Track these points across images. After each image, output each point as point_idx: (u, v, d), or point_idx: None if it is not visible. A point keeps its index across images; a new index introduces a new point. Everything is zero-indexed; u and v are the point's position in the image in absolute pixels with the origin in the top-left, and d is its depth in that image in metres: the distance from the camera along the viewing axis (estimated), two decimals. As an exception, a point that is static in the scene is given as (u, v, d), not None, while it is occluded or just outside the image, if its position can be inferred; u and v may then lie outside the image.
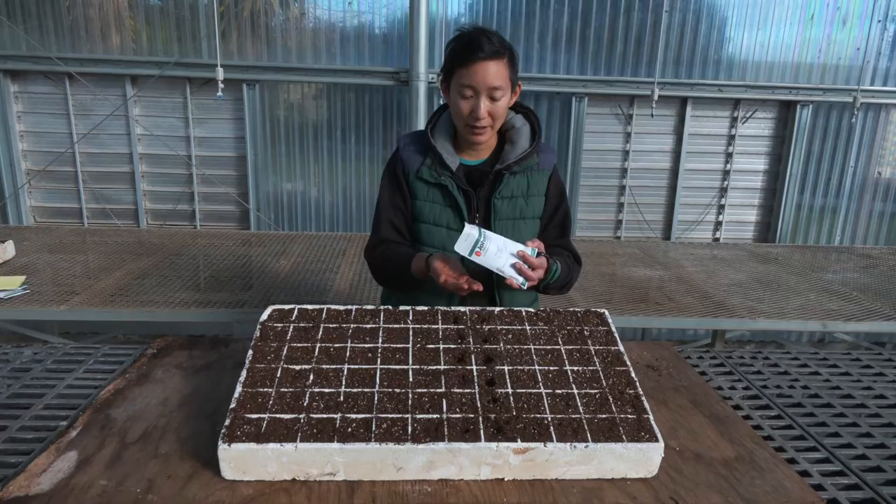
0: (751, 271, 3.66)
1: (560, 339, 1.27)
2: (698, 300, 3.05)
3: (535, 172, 1.58)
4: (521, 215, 1.57)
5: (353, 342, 1.20)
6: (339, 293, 3.01)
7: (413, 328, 1.27)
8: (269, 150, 4.85)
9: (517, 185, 1.56)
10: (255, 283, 3.06)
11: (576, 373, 1.17)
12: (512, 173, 1.55)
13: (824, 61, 4.96)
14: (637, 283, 3.42)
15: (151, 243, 3.71)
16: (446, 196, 1.54)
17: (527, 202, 1.58)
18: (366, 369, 1.13)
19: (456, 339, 1.24)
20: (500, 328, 1.29)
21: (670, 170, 5.24)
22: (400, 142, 1.62)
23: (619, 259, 3.93)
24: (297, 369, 1.12)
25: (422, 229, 1.58)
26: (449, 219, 1.56)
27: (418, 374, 1.13)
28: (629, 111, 5.07)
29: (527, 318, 1.34)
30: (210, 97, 4.69)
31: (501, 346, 1.22)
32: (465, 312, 1.33)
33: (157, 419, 1.15)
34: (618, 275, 3.56)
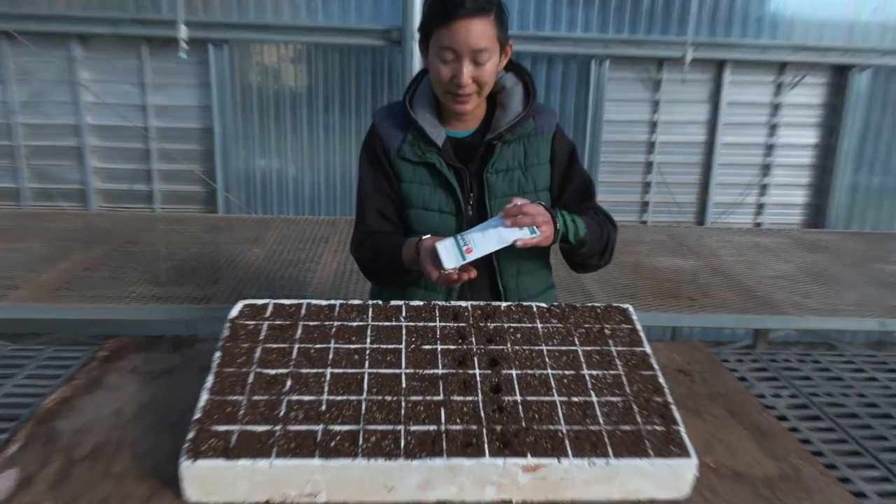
0: (798, 261, 3.64)
1: (577, 339, 1.27)
2: (737, 295, 3.04)
3: (532, 139, 1.56)
4: (520, 190, 1.56)
5: (337, 342, 1.20)
6: (321, 286, 2.97)
7: (406, 326, 1.27)
8: (239, 122, 4.78)
9: (512, 155, 1.55)
10: (223, 274, 3.04)
11: (595, 378, 1.17)
12: (505, 142, 1.54)
13: (883, 20, 4.89)
14: (666, 274, 3.38)
15: (102, 229, 3.66)
16: (435, 175, 1.53)
17: (525, 174, 1.56)
18: (352, 374, 1.13)
19: (456, 339, 1.24)
20: (507, 326, 1.29)
21: (705, 144, 5.18)
22: (375, 116, 1.61)
23: (646, 247, 3.89)
24: (273, 374, 1.12)
25: (411, 216, 1.58)
26: (441, 201, 1.54)
27: (412, 379, 1.13)
28: (657, 76, 5.00)
29: (538, 314, 1.34)
30: (171, 59, 4.60)
31: (508, 347, 1.23)
32: (467, 308, 1.34)
33: (109, 432, 1.14)
34: (644, 265, 3.52)
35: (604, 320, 1.34)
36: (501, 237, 1.36)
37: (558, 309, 1.38)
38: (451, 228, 1.56)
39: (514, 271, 1.61)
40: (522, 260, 1.62)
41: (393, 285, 1.64)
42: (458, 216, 1.56)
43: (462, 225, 1.56)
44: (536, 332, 1.28)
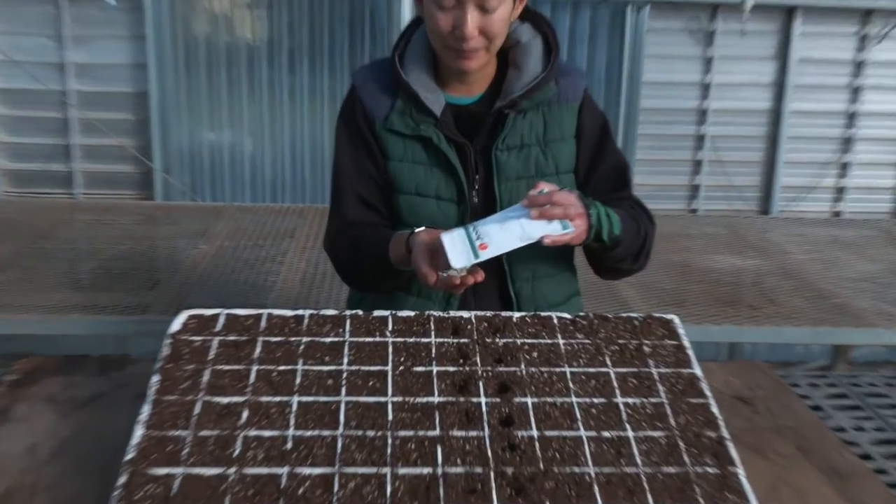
0: (888, 260, 3.67)
1: (608, 359, 1.28)
2: (811, 302, 3.04)
3: (554, 107, 1.57)
4: (538, 171, 1.57)
5: (306, 363, 1.22)
6: (286, 292, 2.99)
7: (394, 342, 1.28)
8: (182, 84, 4.78)
9: (528, 128, 1.56)
10: (162, 278, 3.04)
11: (631, 407, 1.18)
12: (520, 112, 1.55)
13: None
14: (722, 276, 3.39)
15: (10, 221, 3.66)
16: (431, 152, 1.54)
17: (545, 152, 1.57)
18: (324, 403, 1.14)
19: (456, 359, 1.25)
20: (521, 342, 1.30)
21: (770, 112, 5.18)
22: (355, 77, 1.63)
23: (696, 242, 3.92)
24: (225, 403, 1.13)
25: (401, 203, 1.58)
26: (439, 185, 1.55)
27: (401, 409, 1.15)
28: (710, 26, 4.99)
29: (560, 327, 1.35)
30: (96, 6, 4.58)
31: (522, 369, 1.24)
32: (470, 320, 1.35)
33: (21, 475, 1.14)
34: (694, 265, 3.55)
35: (642, 335, 1.35)
36: (525, 232, 1.36)
37: (585, 321, 1.38)
38: (452, 220, 1.55)
39: (530, 275, 1.61)
40: (540, 261, 1.62)
41: (377, 290, 1.63)
42: (461, 204, 1.56)
43: (465, 216, 1.56)
44: (557, 350, 1.29)
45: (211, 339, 1.27)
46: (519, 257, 1.59)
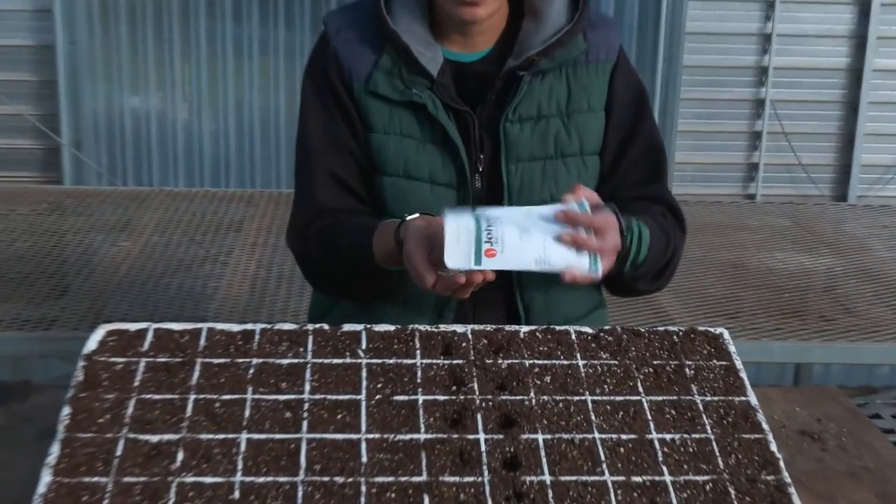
0: None
1: (640, 384, 1.30)
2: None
3: (581, 70, 1.60)
4: (559, 152, 1.60)
5: (258, 391, 1.23)
6: (231, 301, 3.03)
7: (369, 365, 1.29)
8: (98, 36, 4.82)
9: (548, 94, 1.59)
10: (72, 283, 3.07)
11: (669, 445, 1.20)
12: (537, 73, 1.58)
13: None
14: (785, 279, 3.44)
15: None
16: (424, 123, 1.57)
17: (567, 126, 1.60)
18: (281, 441, 1.15)
19: (448, 385, 1.27)
20: (530, 364, 1.32)
21: (848, 72, 5.27)
22: (328, 24, 1.65)
23: (753, 236, 3.96)
24: (155, 442, 1.14)
25: (385, 187, 1.61)
26: (433, 164, 1.58)
27: (378, 448, 1.15)
28: (772, -40, 5.68)
29: (579, 344, 1.37)
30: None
31: (531, 398, 1.26)
32: (466, 336, 1.36)
33: None
34: (750, 265, 3.59)
35: (684, 353, 1.37)
36: (546, 255, 1.39)
37: (611, 336, 1.39)
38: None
39: (543, 282, 1.63)
40: None
41: (357, 298, 1.66)
42: (460, 189, 1.59)
43: (463, 205, 1.54)
44: (576, 374, 1.31)
45: (136, 360, 1.27)
46: None
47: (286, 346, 1.32)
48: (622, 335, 1.40)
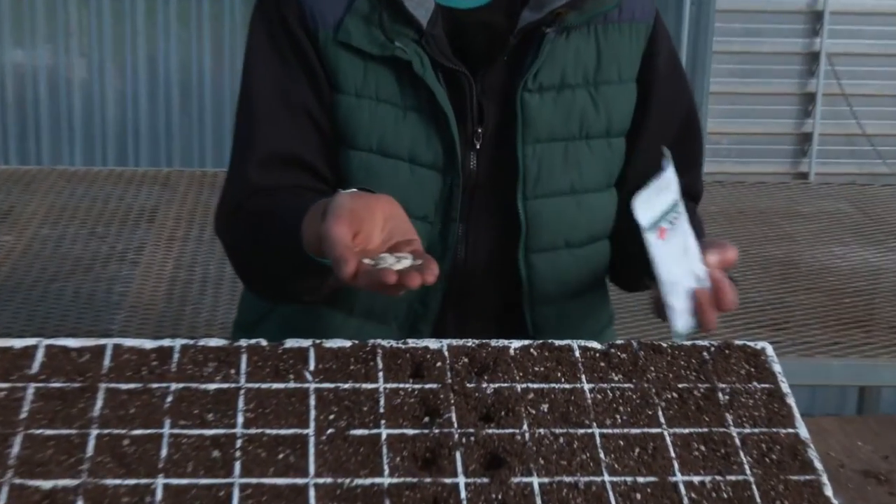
0: None
1: (662, 413, 1.31)
2: None
3: (612, 29, 1.66)
4: (583, 131, 1.66)
5: (177, 424, 1.22)
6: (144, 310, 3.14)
7: (318, 391, 1.29)
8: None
9: (573, 57, 1.64)
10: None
11: (698, 490, 1.20)
12: (561, 31, 1.62)
13: None
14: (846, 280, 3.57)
15: None
16: (407, 85, 1.61)
17: (595, 99, 1.66)
18: (207, 488, 1.14)
19: (418, 416, 1.28)
20: (522, 388, 1.33)
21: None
22: None
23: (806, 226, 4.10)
24: (48, 489, 1.13)
25: (353, 164, 1.64)
26: (415, 138, 1.62)
27: (331, 496, 1.15)
28: None
29: (585, 363, 1.38)
30: None
31: (524, 431, 1.26)
32: (441, 353, 1.37)
33: None
34: (801, 261, 3.74)
35: (717, 374, 1.38)
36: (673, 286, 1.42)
37: (624, 353, 1.40)
38: (431, 197, 1.63)
39: (559, 291, 1.72)
40: (582, 264, 1.74)
41: (291, 299, 1.67)
42: (448, 173, 1.63)
43: (454, 193, 1.65)
44: (581, 400, 1.31)
45: (23, 386, 1.26)
46: (547, 255, 1.70)
47: (213, 368, 1.32)
48: (639, 351, 1.41)
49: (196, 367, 1.32)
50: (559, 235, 1.71)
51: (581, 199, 1.71)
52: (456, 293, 1.71)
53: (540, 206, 1.68)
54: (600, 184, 1.74)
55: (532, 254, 1.70)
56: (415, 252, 1.36)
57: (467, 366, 1.37)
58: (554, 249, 1.70)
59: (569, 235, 1.71)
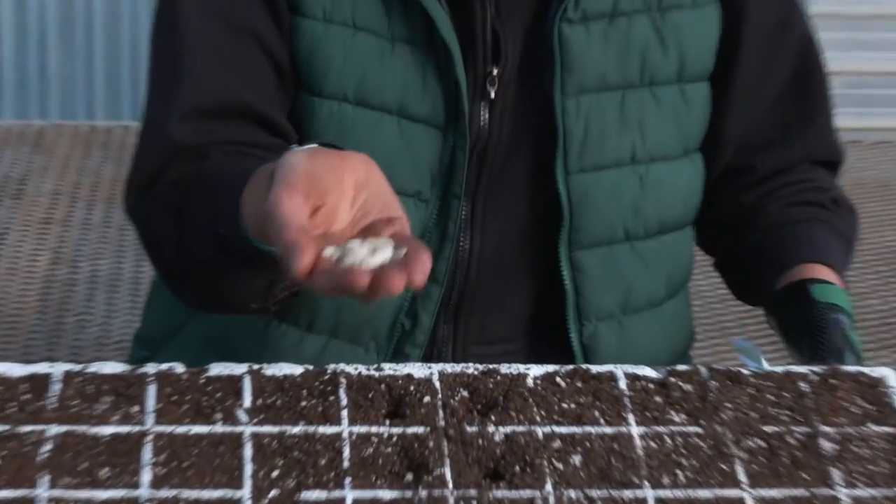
0: None
1: (741, 468, 1.25)
2: None
3: None
4: (646, 76, 1.65)
5: (59, 483, 1.19)
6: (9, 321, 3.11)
7: (255, 436, 1.23)
8: None
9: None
10: None
11: None
12: None
13: None
14: None
15: None
16: (396, 9, 1.60)
17: (662, 32, 1.65)
18: None
19: (398, 471, 1.24)
20: (545, 432, 1.27)
21: None
22: None
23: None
24: None
25: (319, 115, 1.61)
26: (406, 81, 1.60)
27: None
28: None
29: (632, 397, 1.34)
30: None
31: (547, 494, 1.21)
32: (430, 382, 1.33)
33: None
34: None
35: (819, 413, 1.32)
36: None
37: (689, 383, 1.35)
38: (427, 163, 1.61)
39: (620, 300, 1.71)
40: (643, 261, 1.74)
41: (237, 309, 1.60)
42: (451, 130, 1.61)
43: (455, 159, 1.62)
44: (628, 450, 1.26)
45: None
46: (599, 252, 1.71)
47: (109, 404, 1.26)
48: (709, 381, 1.35)
49: (84, 403, 1.25)
50: (616, 223, 1.67)
51: (646, 171, 1.69)
52: (459, 302, 1.67)
53: (588, 183, 1.65)
54: (673, 149, 1.69)
55: (579, 250, 1.67)
56: (398, 237, 1.25)
57: (467, 401, 1.30)
58: (610, 244, 1.63)
59: (630, 223, 1.68)
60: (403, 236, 1.26)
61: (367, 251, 1.25)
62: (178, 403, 1.29)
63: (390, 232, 1.27)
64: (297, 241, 1.20)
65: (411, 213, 1.44)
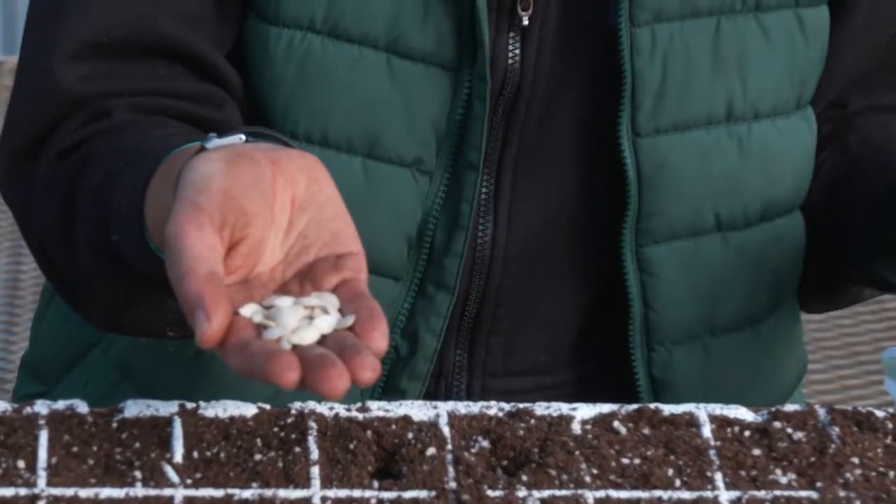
0: None
1: None
2: None
3: None
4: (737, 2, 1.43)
5: None
6: None
7: (189, 502, 1.13)
8: None
9: None
10: None
11: None
12: None
13: None
14: None
15: None
16: None
17: None
18: None
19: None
20: (597, 498, 1.13)
21: None
22: None
23: None
24: None
25: (275, 50, 1.46)
26: (401, 6, 1.43)
27: None
28: None
29: (721, 448, 1.19)
30: None
31: None
32: (436, 426, 1.19)
33: None
34: None
35: None
36: None
37: (801, 429, 1.19)
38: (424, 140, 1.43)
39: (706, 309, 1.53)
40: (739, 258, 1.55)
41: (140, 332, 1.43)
42: (463, 74, 1.42)
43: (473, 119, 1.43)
44: None
45: None
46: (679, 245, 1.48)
47: None
48: (829, 426, 1.19)
49: None
50: (704, 207, 1.49)
51: (748, 131, 1.50)
52: (477, 316, 1.52)
53: (666, 150, 1.47)
54: (785, 100, 1.47)
55: (650, 244, 1.48)
56: (348, 291, 1.13)
57: (488, 455, 1.16)
58: (694, 235, 1.41)
59: (724, 206, 1.49)
60: (355, 290, 1.14)
61: (299, 318, 1.12)
62: (81, 457, 1.18)
63: (337, 280, 1.16)
64: (203, 297, 1.08)
65: (410, 192, 1.40)
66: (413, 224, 1.46)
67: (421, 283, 1.48)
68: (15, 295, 2.47)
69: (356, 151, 1.49)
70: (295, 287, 1.17)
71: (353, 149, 1.49)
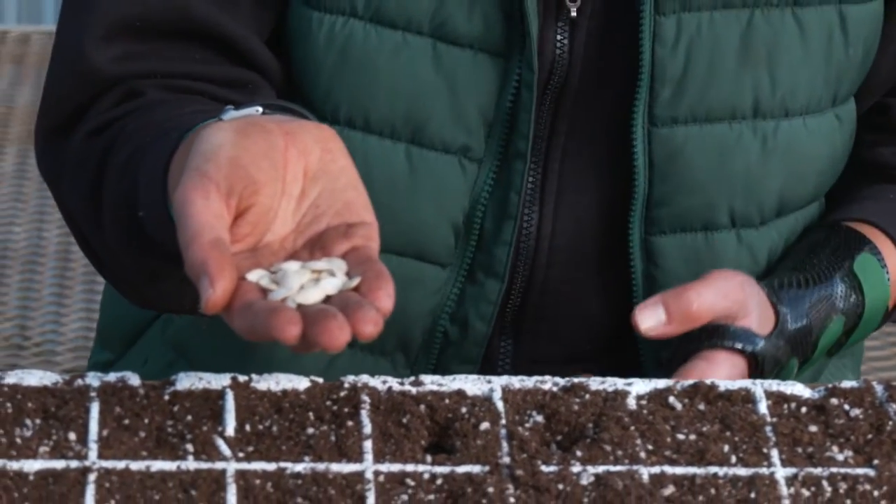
0: None
1: None
2: None
3: None
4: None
5: None
6: None
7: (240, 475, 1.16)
8: None
9: None
10: None
11: None
12: None
13: None
14: None
15: None
16: None
17: None
18: None
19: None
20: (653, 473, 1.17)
21: None
22: None
23: None
24: None
25: (317, 33, 1.52)
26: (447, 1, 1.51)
27: None
28: None
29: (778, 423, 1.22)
30: None
31: None
32: (489, 399, 1.22)
33: None
34: None
35: None
36: None
37: (858, 405, 1.23)
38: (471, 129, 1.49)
39: None
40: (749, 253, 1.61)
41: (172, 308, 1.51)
42: (512, 62, 1.47)
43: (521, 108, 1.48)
44: (770, 499, 1.16)
45: None
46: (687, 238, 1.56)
47: (36, 428, 1.17)
48: (887, 403, 1.22)
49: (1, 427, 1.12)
50: (719, 202, 1.56)
51: (774, 129, 1.57)
52: (522, 304, 1.58)
53: (682, 140, 1.55)
54: (818, 97, 1.51)
55: (656, 234, 1.59)
56: (357, 256, 1.17)
57: (541, 428, 1.18)
58: (705, 229, 1.48)
59: (739, 203, 1.60)
60: (364, 255, 1.21)
61: (305, 279, 1.18)
62: (132, 429, 1.22)
63: (347, 247, 1.22)
64: (208, 263, 1.15)
65: (456, 179, 1.44)
66: (459, 211, 1.50)
67: (470, 269, 1.54)
68: (66, 267, 2.50)
69: (399, 137, 1.54)
70: (305, 255, 1.23)
71: (396, 135, 1.54)
